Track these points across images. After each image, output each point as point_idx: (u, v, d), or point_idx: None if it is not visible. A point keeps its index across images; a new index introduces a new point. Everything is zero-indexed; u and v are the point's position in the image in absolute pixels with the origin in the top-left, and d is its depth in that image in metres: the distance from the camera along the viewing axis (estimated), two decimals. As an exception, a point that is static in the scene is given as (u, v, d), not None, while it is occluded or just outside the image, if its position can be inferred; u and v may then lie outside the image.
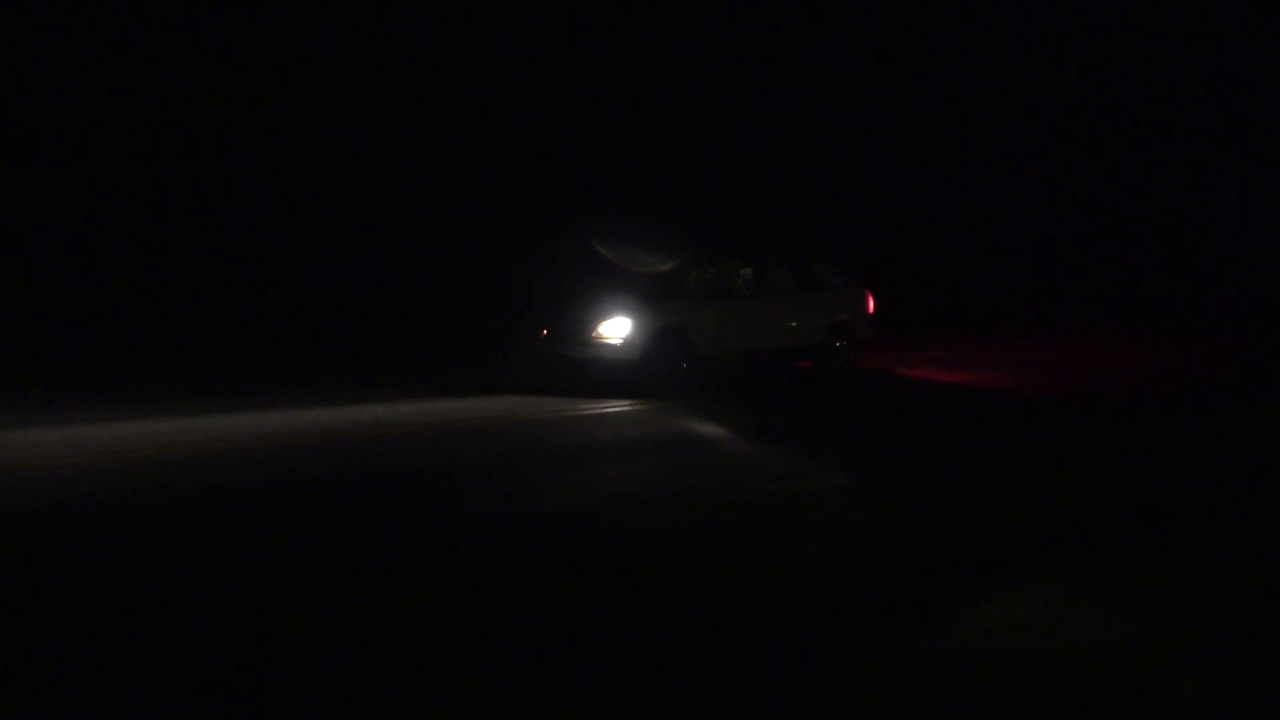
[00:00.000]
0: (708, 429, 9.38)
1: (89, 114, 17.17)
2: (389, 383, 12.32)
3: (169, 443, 8.02)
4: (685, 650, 3.87)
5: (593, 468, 7.71)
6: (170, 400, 10.52)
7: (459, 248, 18.50)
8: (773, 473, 7.17)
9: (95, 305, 16.05)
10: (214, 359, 14.23)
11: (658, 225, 18.12)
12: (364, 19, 19.72)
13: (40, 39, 16.95)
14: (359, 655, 3.83)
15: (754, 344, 12.73)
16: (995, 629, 4.09)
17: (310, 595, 4.48)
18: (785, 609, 4.37)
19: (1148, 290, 25.91)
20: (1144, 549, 5.29)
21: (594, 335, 11.70)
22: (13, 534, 5.49)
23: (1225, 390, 12.16)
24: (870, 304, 13.93)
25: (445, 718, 3.39)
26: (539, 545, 5.30)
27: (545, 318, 12.44)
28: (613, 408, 10.51)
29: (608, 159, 21.70)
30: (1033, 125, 28.66)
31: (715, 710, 3.41)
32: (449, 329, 17.18)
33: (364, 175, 19.17)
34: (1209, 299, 25.01)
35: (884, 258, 21.67)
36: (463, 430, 9.14)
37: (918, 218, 26.77)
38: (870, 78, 26.67)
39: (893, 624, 4.18)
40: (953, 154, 27.63)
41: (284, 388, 11.72)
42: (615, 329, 11.62)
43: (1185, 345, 17.53)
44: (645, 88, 22.80)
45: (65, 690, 3.56)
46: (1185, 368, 14.36)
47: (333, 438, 8.53)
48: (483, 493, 6.65)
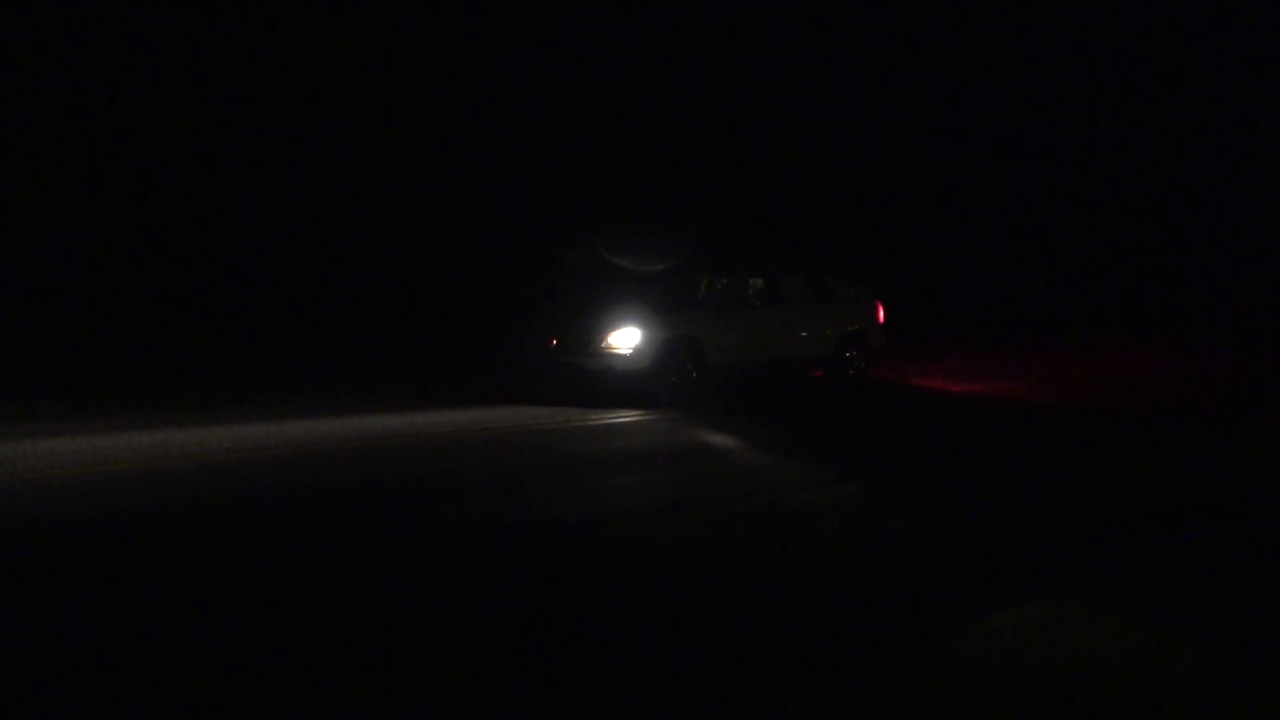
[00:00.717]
0: (719, 439, 9.36)
1: (102, 117, 17.30)
2: (401, 393, 12.35)
3: (181, 453, 8.05)
4: (696, 661, 3.86)
5: (604, 478, 7.70)
6: (182, 410, 10.57)
7: (471, 258, 18.55)
8: (784, 483, 7.15)
9: (107, 315, 16.12)
10: (227, 368, 14.28)
11: (669, 235, 18.13)
12: (378, 31, 19.82)
13: (64, 52, 17.10)
14: (369, 665, 3.83)
15: (765, 354, 12.71)
16: (1008, 640, 4.06)
17: (322, 606, 4.48)
18: (797, 619, 4.35)
19: (1162, 300, 25.80)
20: (1159, 559, 5.25)
21: (604, 345, 11.70)
22: (23, 544, 5.51)
23: (1238, 400, 12.08)
24: (881, 314, 13.91)
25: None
26: (550, 555, 5.29)
27: (556, 327, 12.46)
28: (623, 418, 10.50)
29: (619, 169, 21.74)
30: (1047, 133, 28.62)
31: (727, 722, 3.39)
32: (461, 339, 17.22)
33: (377, 185, 19.24)
34: (1226, 308, 24.86)
35: (895, 268, 21.64)
36: (474, 440, 9.15)
37: (929, 227, 26.73)
38: (882, 89, 26.70)
39: (904, 635, 4.16)
40: (965, 163, 27.61)
41: (296, 398, 11.75)
42: (625, 339, 11.63)
43: (1199, 355, 17.44)
44: (658, 98, 22.85)
45: (72, 699, 3.56)
46: (1198, 378, 14.27)
47: (346, 448, 8.54)
48: (494, 502, 6.64)
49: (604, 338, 11.72)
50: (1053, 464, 8.08)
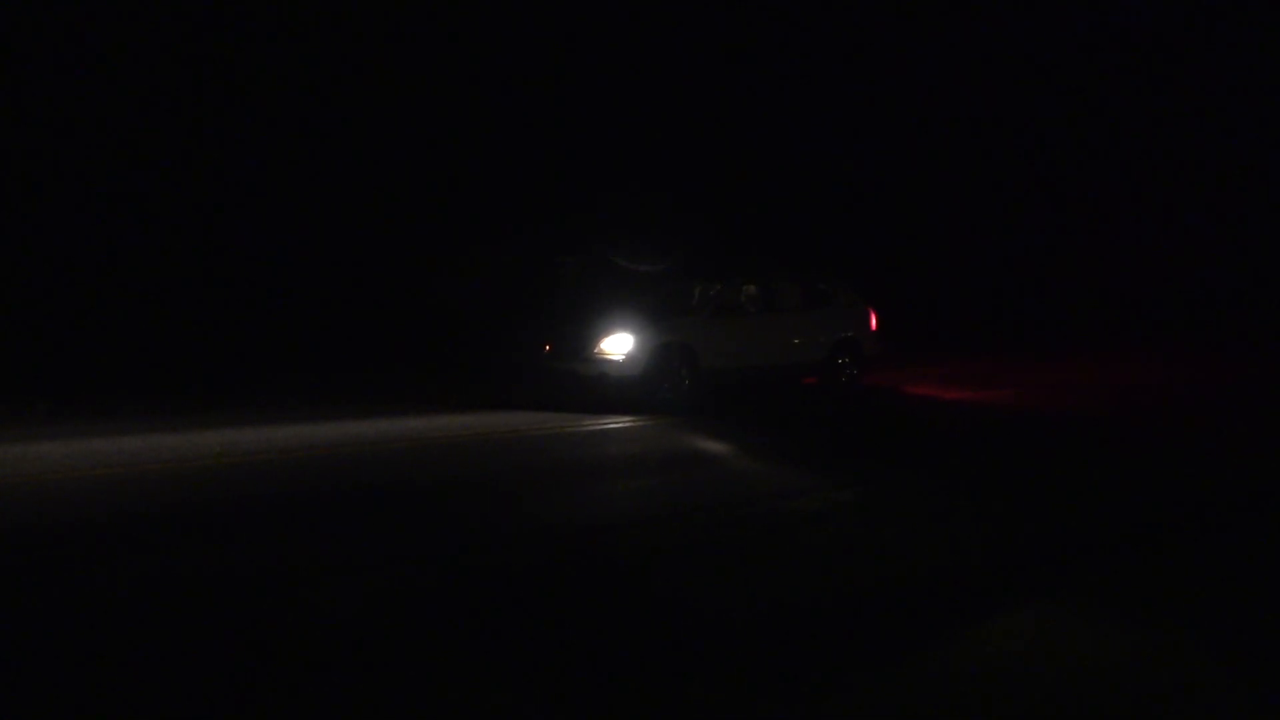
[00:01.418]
0: (712, 445, 9.37)
1: (93, 117, 17.29)
2: (393, 398, 12.33)
3: (174, 457, 8.02)
4: (691, 668, 3.86)
5: (597, 484, 7.70)
6: (175, 414, 10.54)
7: (465, 263, 18.55)
8: (778, 490, 7.15)
9: (101, 318, 16.08)
10: (221, 373, 14.25)
11: (663, 241, 18.15)
12: (373, 36, 19.83)
13: (63, 57, 17.11)
14: (364, 674, 3.82)
15: (758, 361, 12.72)
16: (1000, 649, 4.07)
17: (316, 613, 4.47)
18: (790, 628, 4.35)
19: (1156, 308, 25.86)
20: (1151, 567, 5.26)
21: (597, 351, 11.70)
22: (13, 548, 5.48)
23: (1228, 407, 12.12)
24: (874, 321, 13.93)
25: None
26: (545, 561, 5.29)
27: (550, 333, 12.46)
28: (616, 424, 10.50)
29: (612, 176, 21.76)
30: (1040, 141, 28.69)
31: (722, 729, 3.39)
32: (454, 344, 17.20)
33: (369, 190, 19.23)
34: (1222, 316, 24.88)
35: (889, 275, 21.70)
36: (467, 446, 9.14)
37: (922, 234, 26.80)
38: (876, 95, 26.77)
39: (898, 643, 4.17)
40: (958, 170, 27.68)
41: (288, 403, 11.73)
42: (619, 345, 11.63)
43: (1191, 363, 17.50)
44: (652, 103, 22.88)
45: (64, 706, 3.55)
46: (1190, 385, 14.33)
47: (338, 453, 8.53)
48: (487, 508, 6.63)
49: (598, 343, 11.72)
50: (1044, 471, 8.10)
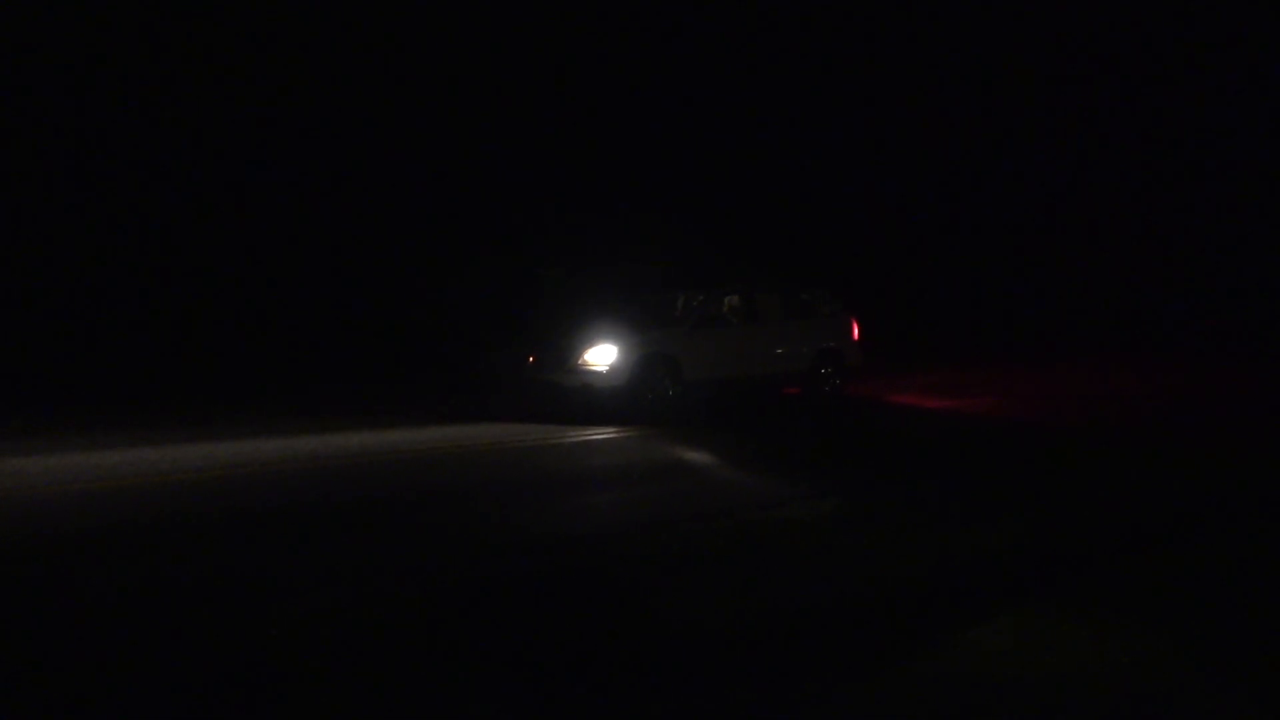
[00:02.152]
0: (696, 456, 9.36)
1: (86, 124, 17.22)
2: (376, 410, 12.28)
3: (153, 472, 7.95)
4: (677, 679, 3.84)
5: (581, 495, 7.67)
6: (157, 429, 10.46)
7: (448, 276, 18.53)
8: (761, 500, 7.15)
9: (82, 333, 15.98)
10: (203, 387, 14.15)
11: (646, 252, 18.18)
12: (360, 50, 19.82)
13: (63, 68, 17.05)
14: (350, 685, 3.78)
15: (741, 371, 12.74)
16: (985, 656, 4.07)
17: (297, 626, 4.43)
18: (776, 637, 4.34)
19: (1138, 318, 26.02)
20: (1134, 574, 5.28)
21: (581, 362, 11.69)
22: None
23: (1209, 415, 12.22)
24: (856, 331, 13.99)
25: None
26: (531, 573, 5.26)
27: (533, 345, 12.44)
28: (600, 434, 10.48)
29: (596, 188, 21.80)
30: (1027, 146, 28.87)
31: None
32: (438, 357, 17.16)
33: (354, 205, 19.20)
34: (1206, 324, 25.00)
35: (871, 285, 21.80)
36: (451, 458, 9.09)
37: (906, 244, 26.93)
38: (859, 106, 26.93)
39: (881, 652, 4.16)
40: (942, 180, 27.86)
41: (270, 416, 11.66)
42: (602, 356, 11.62)
43: (1173, 372, 17.65)
44: (635, 116, 22.96)
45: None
46: (1169, 394, 14.44)
47: (320, 465, 8.47)
48: (471, 520, 6.60)
49: (581, 355, 11.71)
50: (1027, 479, 8.14)
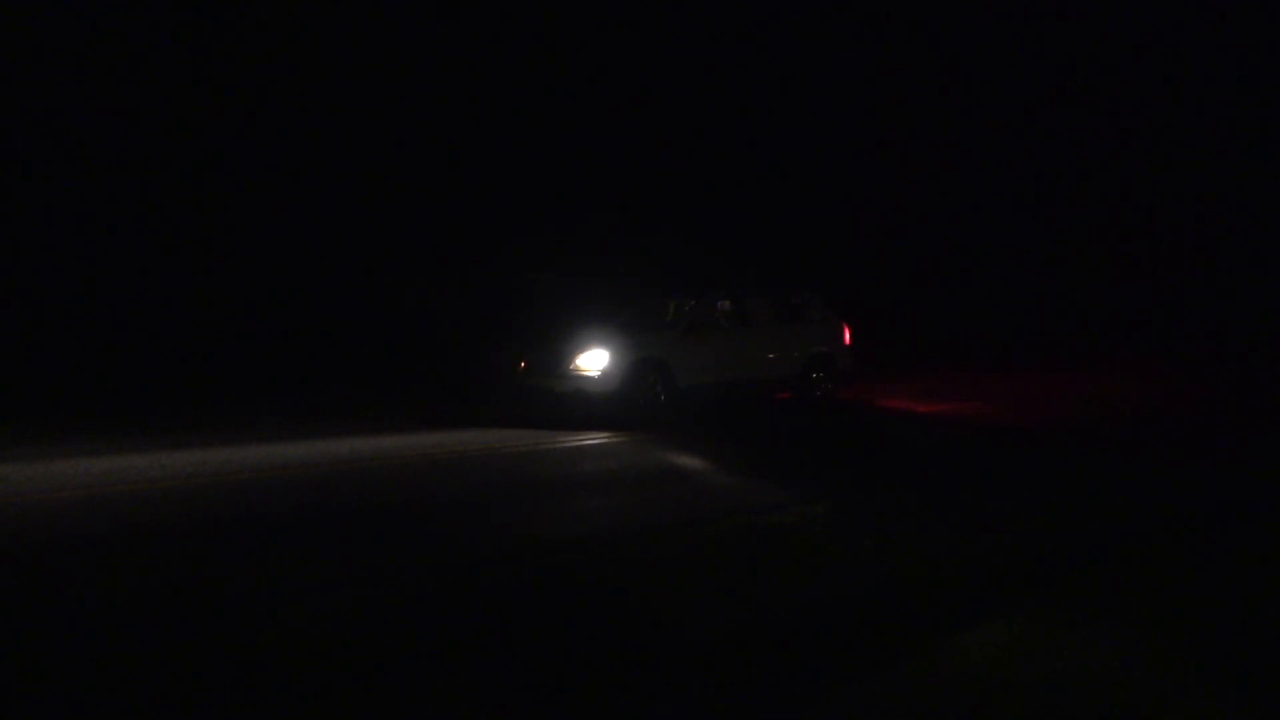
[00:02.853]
0: (687, 461, 9.36)
1: (88, 127, 17.20)
2: (368, 416, 12.24)
3: (142, 478, 7.91)
4: (672, 683, 3.84)
5: (574, 500, 7.66)
6: (146, 435, 10.40)
7: (439, 282, 18.51)
8: (753, 505, 7.15)
9: (70, 339, 15.90)
10: (193, 392, 14.08)
11: (637, 258, 18.19)
12: (350, 57, 19.81)
13: (63, 69, 17.01)
14: (347, 689, 3.77)
15: (732, 375, 12.75)
16: (977, 658, 4.08)
17: (294, 633, 4.40)
18: (770, 641, 4.34)
19: (1130, 322, 26.10)
20: (1126, 576, 5.30)
21: (572, 367, 11.68)
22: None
23: (1198, 419, 12.28)
24: (847, 336, 14.02)
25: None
26: (523, 578, 5.24)
27: (524, 350, 12.43)
28: (592, 440, 10.47)
29: (586, 193, 21.80)
30: (1014, 155, 28.95)
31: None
32: (429, 362, 17.13)
33: (345, 211, 19.17)
34: (1202, 330, 25.08)
35: (863, 289, 21.85)
36: (442, 463, 9.07)
37: (897, 249, 26.99)
38: (849, 110, 27.00)
39: (875, 655, 4.16)
40: (933, 185, 27.93)
41: (262, 421, 11.61)
42: (593, 361, 11.61)
43: (1164, 378, 17.72)
44: (622, 122, 22.97)
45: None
46: (1161, 399, 14.51)
47: (312, 471, 8.44)
48: (464, 526, 6.58)
49: (572, 360, 11.70)
50: (1017, 483, 8.15)
